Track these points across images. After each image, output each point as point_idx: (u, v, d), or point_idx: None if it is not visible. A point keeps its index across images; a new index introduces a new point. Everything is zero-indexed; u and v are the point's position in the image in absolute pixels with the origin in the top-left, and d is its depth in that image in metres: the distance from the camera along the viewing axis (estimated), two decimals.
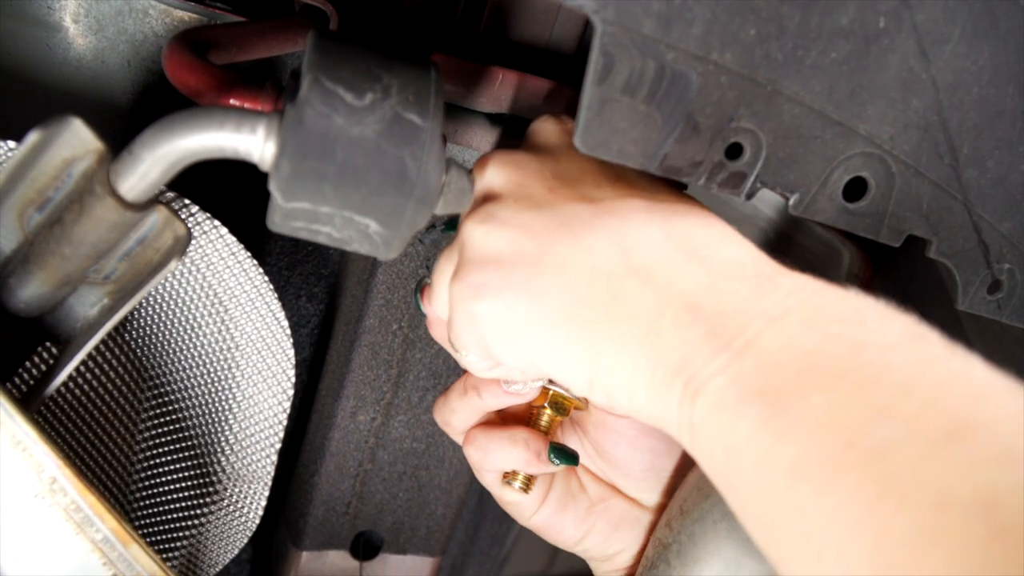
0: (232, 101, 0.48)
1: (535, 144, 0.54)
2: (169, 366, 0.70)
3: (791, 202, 0.49)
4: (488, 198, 0.50)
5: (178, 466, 0.72)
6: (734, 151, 0.47)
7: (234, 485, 0.71)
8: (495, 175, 0.50)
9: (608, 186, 0.50)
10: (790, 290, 0.43)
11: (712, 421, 0.41)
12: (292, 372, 0.68)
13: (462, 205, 0.48)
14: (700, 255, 0.46)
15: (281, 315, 0.66)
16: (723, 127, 0.46)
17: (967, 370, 0.37)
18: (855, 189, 0.50)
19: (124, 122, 0.78)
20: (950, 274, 0.54)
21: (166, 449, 0.72)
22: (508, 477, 0.59)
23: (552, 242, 0.46)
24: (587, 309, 0.45)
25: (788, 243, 1.21)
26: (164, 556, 0.72)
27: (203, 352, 0.68)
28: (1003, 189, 0.52)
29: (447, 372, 0.86)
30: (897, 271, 1.18)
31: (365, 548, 0.97)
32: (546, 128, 0.55)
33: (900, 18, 0.46)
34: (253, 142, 0.43)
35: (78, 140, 0.46)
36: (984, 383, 0.36)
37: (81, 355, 0.53)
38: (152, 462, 0.73)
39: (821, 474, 0.35)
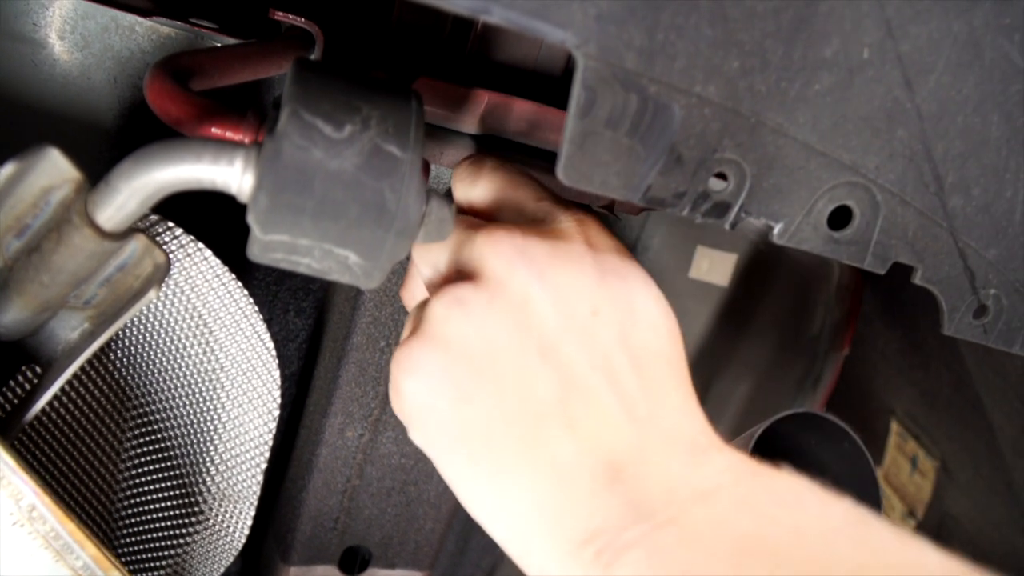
0: (213, 130, 0.48)
1: (558, 231, 0.48)
2: (153, 388, 0.69)
3: (776, 231, 0.49)
4: (467, 276, 0.46)
5: (162, 486, 0.71)
6: (718, 182, 0.47)
7: (219, 506, 0.71)
8: (489, 256, 0.45)
9: (591, 301, 0.45)
10: (723, 468, 0.42)
11: None
12: (277, 393, 0.68)
13: (442, 235, 0.47)
14: (638, 416, 0.43)
15: (266, 336, 0.66)
16: (707, 158, 0.46)
17: (921, 558, 0.36)
18: (840, 218, 0.50)
19: (110, 139, 0.77)
20: (936, 300, 0.54)
21: (150, 470, 0.72)
22: None
23: (500, 353, 0.43)
24: (505, 434, 0.43)
25: (778, 255, 1.21)
26: None
27: (187, 374, 0.67)
28: (988, 216, 0.52)
29: None
30: (887, 282, 1.18)
31: (354, 563, 0.96)
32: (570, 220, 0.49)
33: (884, 49, 0.45)
34: (231, 174, 0.42)
35: (55, 169, 0.45)
36: (940, 570, 0.36)
37: (61, 380, 0.53)
38: (136, 484, 0.72)
39: None
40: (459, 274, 0.47)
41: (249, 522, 0.72)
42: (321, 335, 0.92)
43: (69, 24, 0.73)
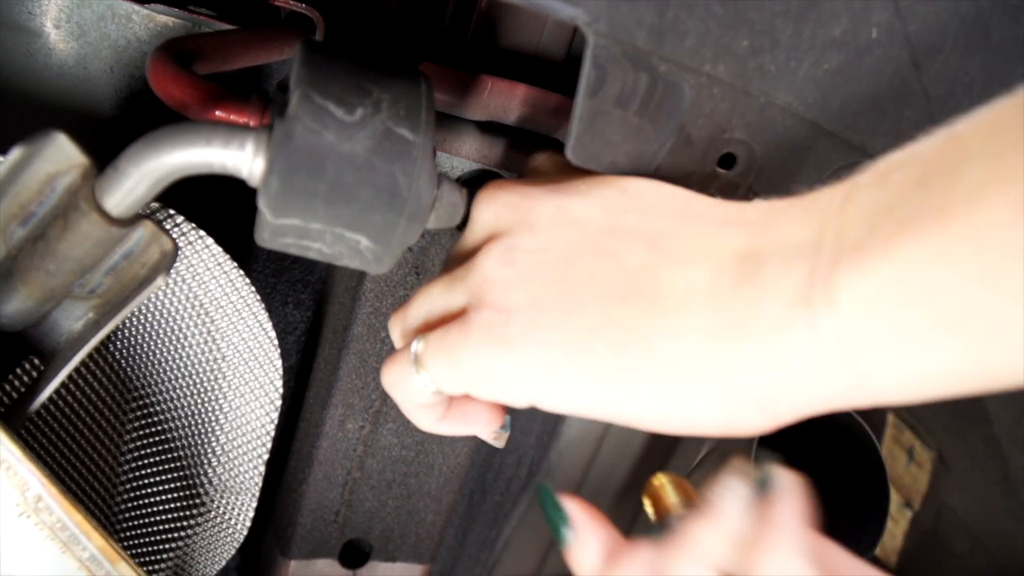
0: (218, 113, 0.48)
1: (532, 170, 0.51)
2: (154, 378, 0.69)
3: None
4: (496, 236, 0.44)
5: (164, 478, 0.71)
6: (727, 162, 0.47)
7: (221, 497, 0.70)
8: (501, 210, 0.45)
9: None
10: (832, 192, 0.37)
11: (883, 287, 0.32)
12: (279, 383, 0.67)
13: (453, 220, 0.47)
14: (725, 216, 0.41)
15: (268, 325, 0.66)
16: (716, 138, 0.45)
17: None
18: None
19: (107, 128, 0.77)
20: None
21: (152, 462, 0.71)
22: None
23: (575, 257, 0.41)
24: (630, 308, 0.39)
25: None
26: (151, 570, 0.71)
27: (189, 363, 0.67)
28: None
29: None
30: None
31: (354, 556, 0.96)
32: (540, 157, 0.52)
33: (893, 29, 0.45)
34: (241, 158, 0.42)
35: (62, 155, 0.45)
36: None
37: (66, 371, 0.52)
38: (138, 475, 0.72)
39: None
40: (474, 249, 0.46)
41: (251, 514, 0.72)
42: (320, 327, 0.91)
43: (65, 12, 0.72)
